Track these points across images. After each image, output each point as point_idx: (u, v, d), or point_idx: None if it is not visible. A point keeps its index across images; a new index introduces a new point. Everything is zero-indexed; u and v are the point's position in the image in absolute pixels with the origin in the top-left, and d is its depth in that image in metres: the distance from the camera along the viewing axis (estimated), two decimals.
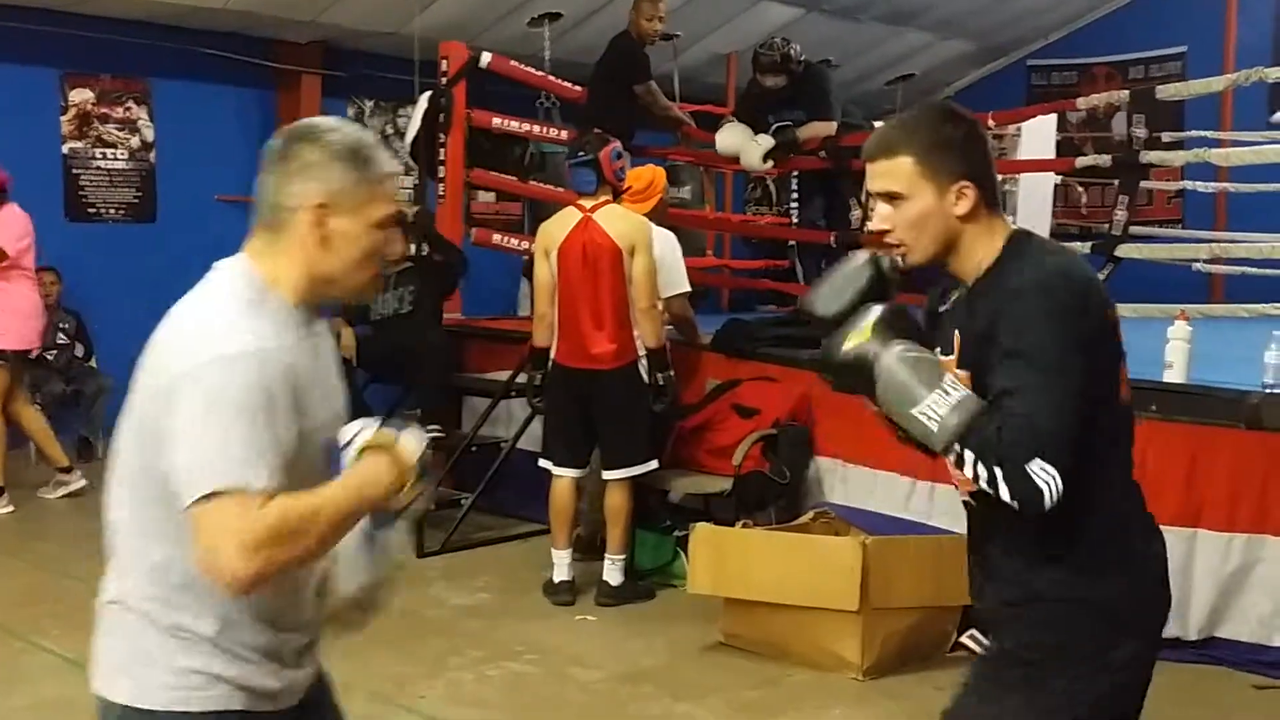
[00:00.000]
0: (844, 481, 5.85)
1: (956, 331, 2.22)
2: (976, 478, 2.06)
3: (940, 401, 2.05)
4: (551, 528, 5.63)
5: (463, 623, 5.33)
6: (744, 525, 5.21)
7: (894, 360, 2.09)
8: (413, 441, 2.01)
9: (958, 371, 2.17)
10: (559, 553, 5.58)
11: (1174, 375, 5.08)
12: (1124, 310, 5.68)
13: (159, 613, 1.96)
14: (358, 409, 6.57)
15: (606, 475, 5.55)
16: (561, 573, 5.58)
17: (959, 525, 5.50)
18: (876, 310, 2.16)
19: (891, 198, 2.19)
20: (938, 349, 2.23)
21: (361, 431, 2.01)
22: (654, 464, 5.59)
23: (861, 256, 2.24)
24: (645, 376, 5.43)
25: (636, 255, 5.41)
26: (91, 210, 9.13)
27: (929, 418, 2.06)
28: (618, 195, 5.59)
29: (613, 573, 5.54)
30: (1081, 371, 2.06)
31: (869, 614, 4.61)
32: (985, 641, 4.87)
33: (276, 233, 1.99)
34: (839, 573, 4.60)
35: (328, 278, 2.01)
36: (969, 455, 2.05)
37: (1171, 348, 5.10)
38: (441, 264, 7.14)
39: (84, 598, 2.37)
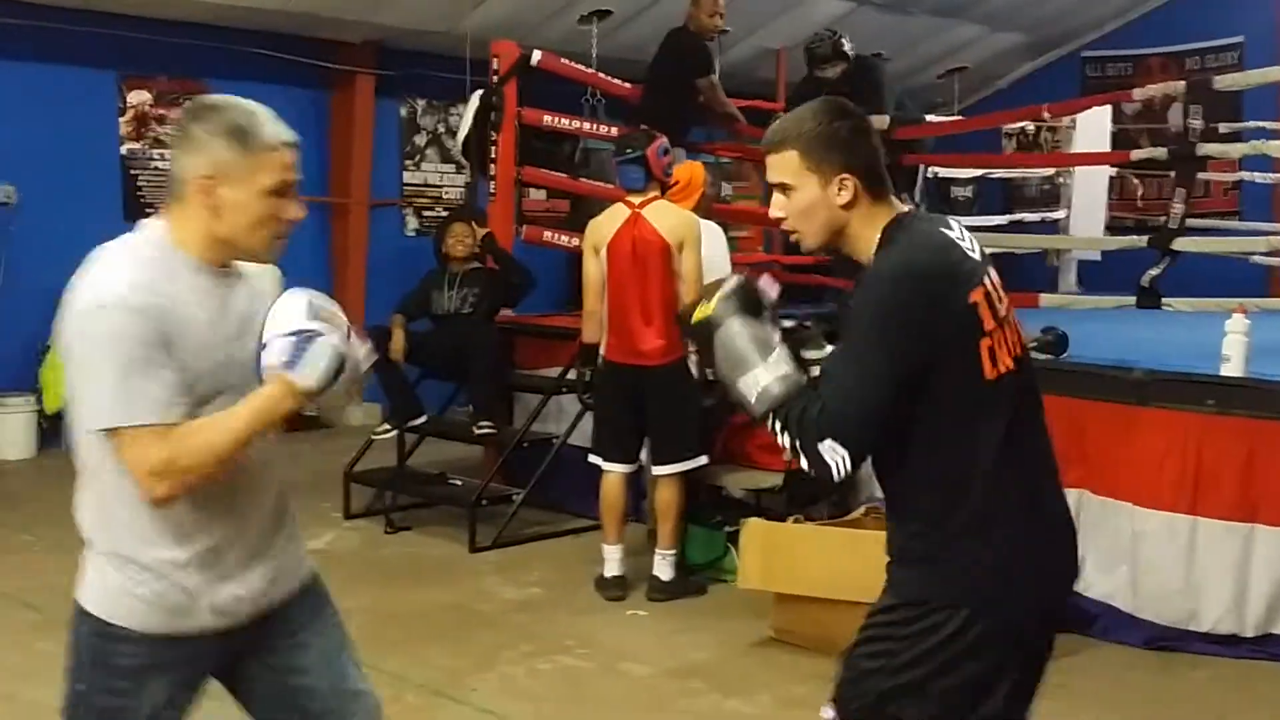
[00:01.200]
0: None
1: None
2: (784, 444, 2.24)
3: (764, 375, 2.26)
4: (603, 523, 5.65)
5: (514, 617, 5.36)
6: (795, 520, 5.20)
7: (729, 332, 2.31)
8: (316, 368, 2.21)
9: None
10: (610, 548, 5.61)
11: (1232, 369, 5.01)
12: (1181, 304, 5.72)
13: (98, 539, 2.31)
14: (409, 403, 6.62)
15: (656, 471, 5.56)
16: (613, 568, 5.60)
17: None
18: (729, 284, 2.37)
19: (783, 188, 2.36)
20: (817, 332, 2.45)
21: (271, 343, 2.21)
22: (704, 459, 5.59)
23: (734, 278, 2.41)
24: (695, 372, 5.43)
25: (685, 251, 5.41)
26: (150, 210, 9.15)
27: (752, 387, 2.26)
28: (665, 191, 5.60)
29: (663, 568, 5.55)
30: (891, 360, 2.19)
31: None
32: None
33: (180, 202, 2.26)
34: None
35: (226, 240, 2.26)
36: (778, 426, 2.24)
37: (1229, 341, 5.03)
38: (498, 274, 7.20)
39: None
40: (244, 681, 2.48)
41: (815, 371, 2.34)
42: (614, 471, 5.59)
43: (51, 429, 8.61)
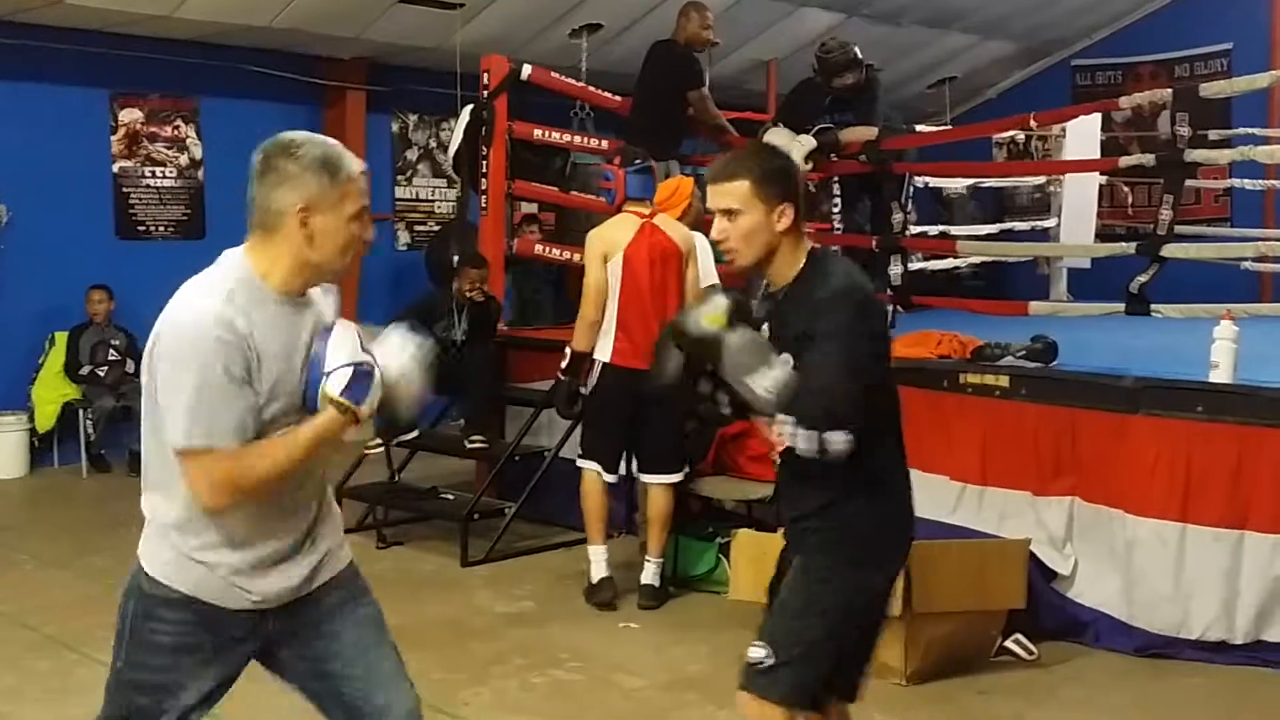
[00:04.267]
0: None
1: (766, 325, 2.83)
2: (793, 437, 2.67)
3: (770, 376, 2.67)
4: (587, 525, 5.67)
5: (507, 630, 5.36)
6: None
7: (737, 340, 2.71)
8: (372, 398, 2.44)
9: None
10: (596, 548, 5.62)
11: (1220, 375, 5.03)
12: (1170, 311, 5.73)
13: (161, 517, 2.51)
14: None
15: (652, 480, 5.58)
16: (600, 569, 5.62)
17: (1005, 529, 5.53)
18: (726, 300, 2.77)
19: (729, 213, 2.79)
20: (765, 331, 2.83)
21: (334, 373, 2.41)
22: (687, 469, 5.71)
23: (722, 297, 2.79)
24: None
25: (690, 261, 5.57)
26: (141, 228, 9.28)
27: (762, 388, 2.67)
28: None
29: (657, 575, 5.56)
30: (870, 357, 2.74)
31: (913, 619, 4.59)
32: (1030, 646, 4.89)
33: (269, 232, 2.43)
34: None
35: (317, 266, 2.46)
36: (789, 420, 2.66)
37: (1218, 348, 5.05)
38: (491, 303, 7.25)
39: None
40: (281, 667, 2.66)
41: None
42: (598, 474, 5.62)
43: (43, 448, 8.62)
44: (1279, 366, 5.28)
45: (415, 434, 7.07)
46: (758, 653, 2.84)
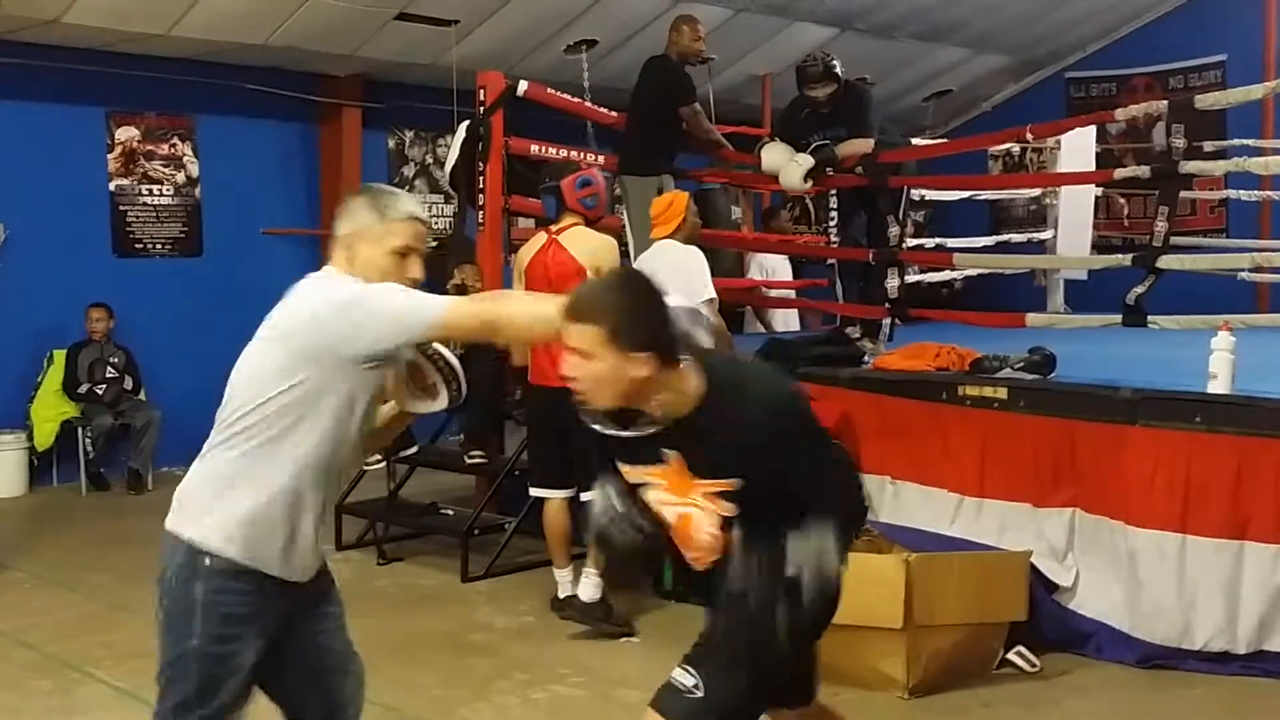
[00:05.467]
0: (894, 499, 5.85)
1: (675, 451, 2.67)
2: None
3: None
4: (549, 549, 5.70)
5: (507, 646, 5.35)
6: None
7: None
8: None
9: (702, 482, 2.67)
10: (560, 572, 5.68)
11: (1218, 386, 5.04)
12: (1167, 322, 5.74)
13: (221, 477, 2.72)
14: (401, 434, 6.57)
15: (585, 497, 5.53)
16: (565, 589, 5.65)
17: (1005, 541, 5.53)
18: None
19: (580, 352, 2.58)
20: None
21: None
22: None
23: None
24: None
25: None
26: (139, 246, 9.28)
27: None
28: (591, 221, 5.82)
29: (586, 587, 5.49)
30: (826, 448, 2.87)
31: (914, 632, 4.59)
32: (1032, 658, 4.89)
33: (338, 253, 2.83)
34: (883, 590, 4.59)
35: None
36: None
37: (1216, 359, 5.06)
38: None
39: (135, 629, 2.49)
40: (280, 648, 2.82)
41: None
42: (551, 498, 5.64)
43: (42, 466, 8.61)
44: (1277, 377, 5.28)
45: (414, 450, 7.07)
46: (685, 679, 2.74)
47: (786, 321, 9.64)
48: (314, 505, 2.74)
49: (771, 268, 9.75)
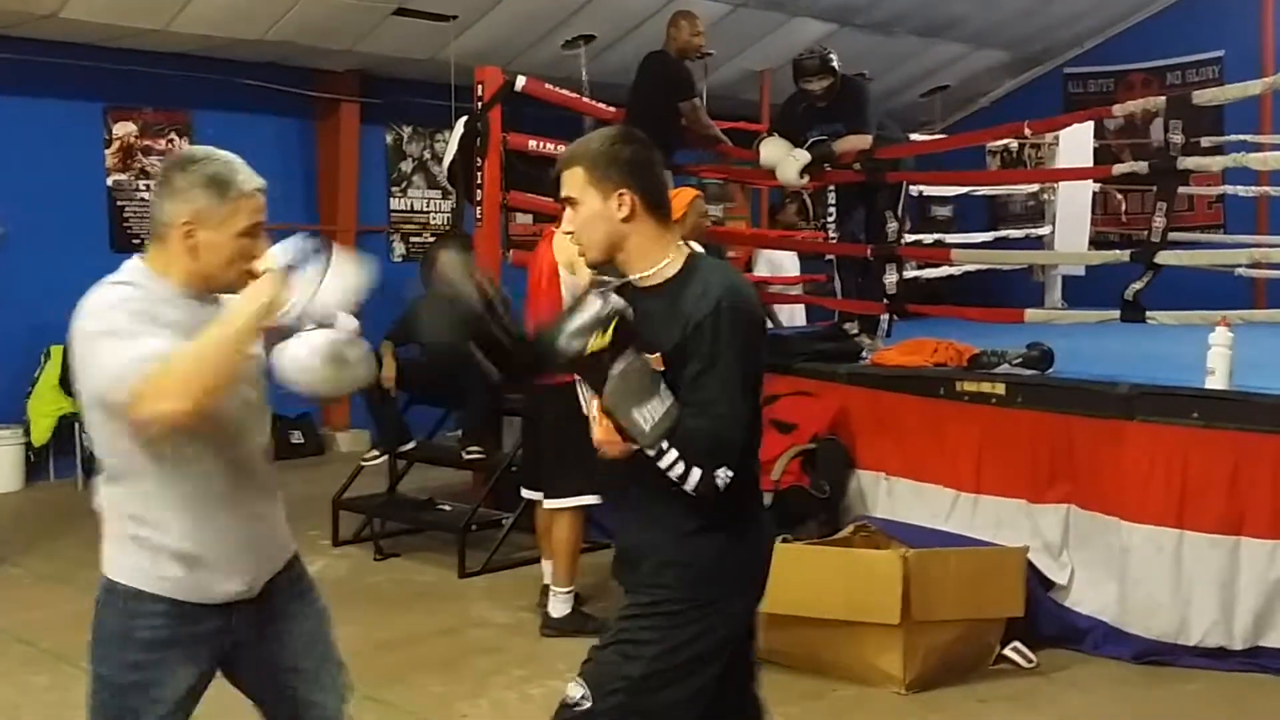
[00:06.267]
0: (889, 495, 5.85)
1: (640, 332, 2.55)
2: (671, 470, 2.47)
3: (656, 408, 2.45)
4: (539, 549, 5.71)
5: (505, 642, 5.35)
6: (784, 540, 5.20)
7: (625, 368, 2.45)
8: (279, 254, 2.48)
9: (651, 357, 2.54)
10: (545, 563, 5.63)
11: (1216, 382, 5.04)
12: (1165, 318, 5.74)
13: (120, 510, 2.59)
14: (398, 429, 6.64)
15: (546, 504, 5.46)
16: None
17: (1001, 537, 5.53)
18: (614, 312, 2.45)
19: (570, 202, 2.60)
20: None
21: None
22: (591, 499, 5.31)
23: (598, 302, 2.48)
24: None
25: (578, 272, 5.46)
26: (136, 241, 9.25)
27: (646, 420, 2.44)
28: None
29: (555, 604, 5.41)
30: (754, 389, 2.57)
31: (911, 627, 4.60)
32: (1028, 654, 4.89)
33: (162, 242, 2.48)
34: (880, 586, 4.59)
35: (203, 276, 2.48)
36: (672, 454, 2.46)
37: (1214, 354, 5.07)
38: None
39: None
40: (239, 667, 2.68)
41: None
42: (533, 498, 5.60)
43: (39, 462, 8.61)
44: (1274, 373, 5.29)
45: (412, 445, 7.07)
46: (574, 691, 2.61)
47: (793, 316, 9.65)
48: (228, 502, 2.53)
49: (779, 263, 9.76)
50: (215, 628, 2.57)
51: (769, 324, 9.41)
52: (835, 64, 6.97)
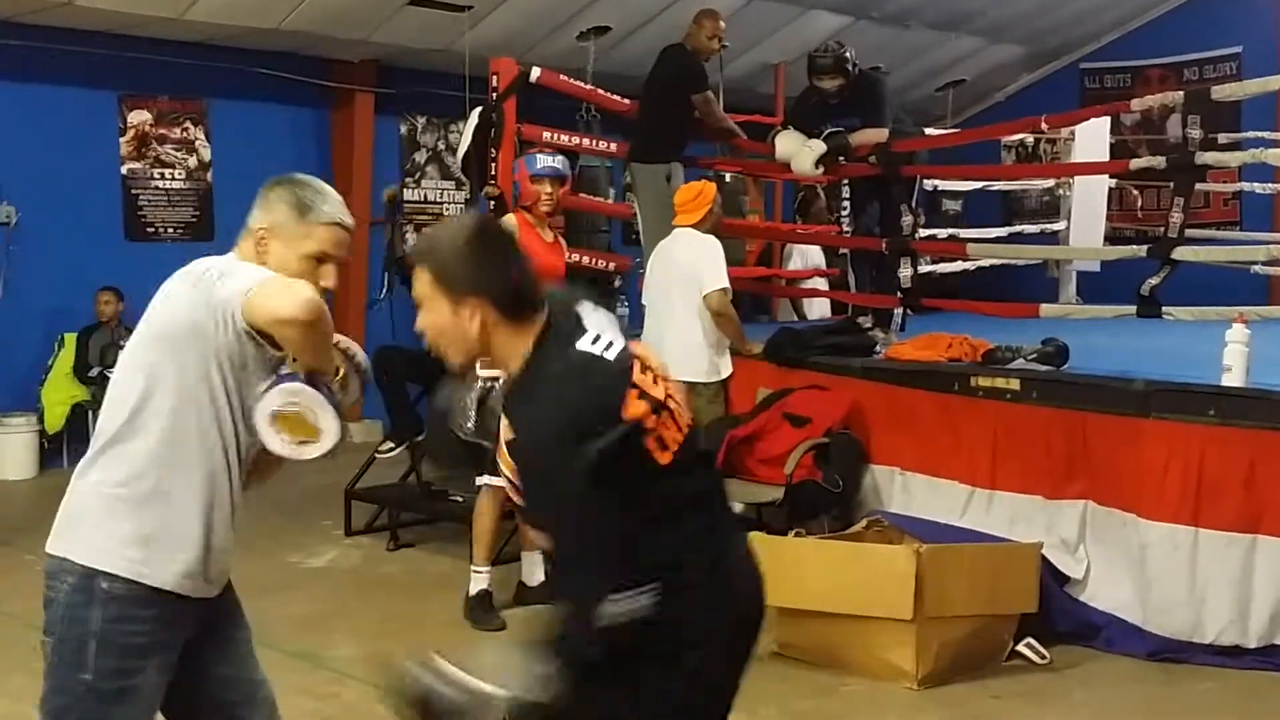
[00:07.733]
0: (904, 490, 5.84)
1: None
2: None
3: (505, 693, 2.24)
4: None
5: (516, 630, 5.35)
6: (797, 534, 5.20)
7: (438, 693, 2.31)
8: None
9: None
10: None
11: (1233, 379, 5.01)
12: (1181, 314, 5.71)
13: (111, 491, 2.64)
14: (411, 421, 6.61)
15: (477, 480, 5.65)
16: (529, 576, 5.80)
17: (1015, 533, 5.50)
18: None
19: (419, 304, 2.32)
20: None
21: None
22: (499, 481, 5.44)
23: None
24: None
25: None
26: (150, 230, 9.28)
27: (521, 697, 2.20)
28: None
29: (476, 584, 5.59)
30: (602, 501, 2.14)
31: (924, 622, 4.58)
32: (1042, 650, 4.87)
33: (245, 241, 2.60)
34: (893, 581, 4.58)
35: None
36: (568, 673, 2.17)
37: (1230, 351, 5.04)
38: None
39: None
40: (181, 669, 2.61)
41: None
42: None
43: (53, 449, 8.63)
44: None
45: (424, 435, 7.06)
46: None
47: (819, 309, 9.65)
48: (226, 501, 2.56)
49: (812, 256, 9.77)
50: (191, 626, 2.58)
51: (797, 317, 9.42)
52: (850, 64, 6.93)
